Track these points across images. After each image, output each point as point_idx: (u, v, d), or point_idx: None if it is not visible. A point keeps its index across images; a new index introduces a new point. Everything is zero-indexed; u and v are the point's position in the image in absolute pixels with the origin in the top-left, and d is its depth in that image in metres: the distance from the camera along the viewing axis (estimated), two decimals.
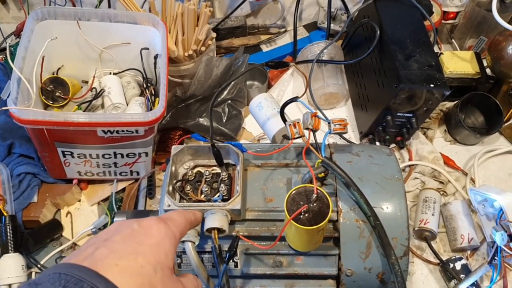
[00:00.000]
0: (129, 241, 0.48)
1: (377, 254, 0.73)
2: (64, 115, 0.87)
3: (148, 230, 0.50)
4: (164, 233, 0.51)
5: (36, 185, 1.05)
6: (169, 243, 0.51)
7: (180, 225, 0.56)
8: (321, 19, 1.40)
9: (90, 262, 0.44)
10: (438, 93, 1.01)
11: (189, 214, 0.61)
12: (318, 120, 0.76)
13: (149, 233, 0.50)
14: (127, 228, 0.50)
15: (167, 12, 1.18)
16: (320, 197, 0.66)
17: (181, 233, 0.56)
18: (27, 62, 0.95)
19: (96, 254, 0.45)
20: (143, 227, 0.50)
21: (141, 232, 0.50)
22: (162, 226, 0.52)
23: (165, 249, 0.50)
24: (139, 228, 0.50)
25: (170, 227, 0.53)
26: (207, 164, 0.80)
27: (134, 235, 0.49)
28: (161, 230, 0.51)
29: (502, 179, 1.15)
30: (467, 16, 1.33)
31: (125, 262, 0.45)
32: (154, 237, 0.50)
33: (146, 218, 0.53)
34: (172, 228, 0.53)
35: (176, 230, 0.54)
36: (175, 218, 0.57)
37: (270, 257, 0.76)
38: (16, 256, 0.94)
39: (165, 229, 0.52)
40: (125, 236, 0.48)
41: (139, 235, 0.49)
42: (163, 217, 0.55)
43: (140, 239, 0.48)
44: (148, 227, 0.51)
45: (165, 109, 0.92)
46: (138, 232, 0.49)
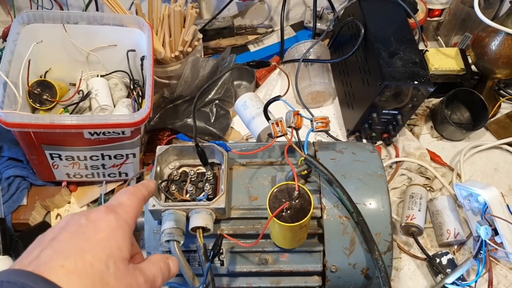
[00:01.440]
0: (76, 238, 0.45)
1: (361, 249, 0.74)
2: (50, 118, 0.88)
3: (96, 224, 0.47)
4: (114, 224, 0.48)
5: (25, 188, 1.05)
6: (122, 233, 0.48)
7: (132, 209, 0.52)
8: (308, 18, 1.41)
9: (35, 266, 0.41)
10: (422, 89, 1.02)
11: (139, 190, 0.56)
12: (301, 118, 0.76)
13: (98, 227, 0.47)
14: (74, 224, 0.47)
15: (154, 14, 1.19)
16: (302, 194, 0.67)
17: (134, 217, 0.52)
18: (14, 65, 0.95)
19: (41, 257, 0.42)
20: (91, 221, 0.47)
21: (88, 226, 0.46)
22: (112, 216, 0.48)
23: (117, 241, 0.47)
24: (86, 222, 0.47)
25: (120, 215, 0.49)
26: (192, 164, 0.81)
27: (82, 231, 0.46)
28: (110, 222, 0.48)
29: (488, 174, 1.16)
30: (452, 13, 1.34)
31: (71, 262, 0.42)
32: (103, 231, 0.46)
33: (94, 209, 0.49)
34: (123, 216, 0.50)
35: (128, 216, 0.50)
36: (125, 202, 0.52)
37: (255, 255, 0.77)
38: (6, 259, 0.94)
39: (115, 220, 0.48)
40: (72, 233, 0.45)
41: (87, 230, 0.46)
42: (112, 205, 0.51)
43: (88, 235, 0.45)
44: (96, 220, 0.47)
45: (150, 110, 0.92)
46: (85, 227, 0.46)
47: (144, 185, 0.58)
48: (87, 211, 0.49)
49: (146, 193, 0.57)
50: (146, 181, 0.60)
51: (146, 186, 0.58)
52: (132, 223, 0.51)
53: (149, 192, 0.58)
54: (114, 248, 0.46)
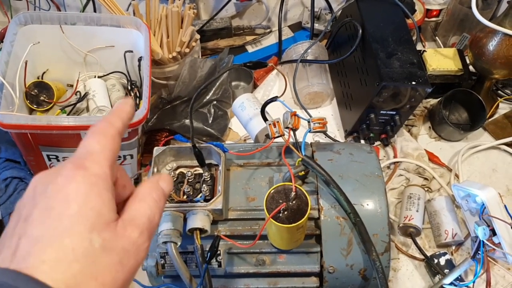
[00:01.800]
0: (47, 218, 0.38)
1: (358, 250, 0.74)
2: (47, 119, 0.88)
3: (65, 194, 0.39)
4: (85, 186, 0.40)
5: (22, 189, 1.05)
6: (97, 193, 0.40)
7: (105, 156, 0.42)
8: (306, 19, 1.41)
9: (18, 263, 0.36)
10: (420, 90, 1.02)
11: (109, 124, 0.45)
12: (298, 119, 0.76)
13: (67, 197, 0.39)
14: (41, 195, 0.40)
15: (151, 15, 1.19)
16: (299, 195, 0.67)
17: (110, 163, 0.42)
18: (10, 67, 0.95)
19: (20, 250, 0.37)
20: (58, 190, 0.39)
21: (57, 198, 0.39)
22: (80, 178, 0.40)
23: (94, 206, 0.39)
24: (53, 193, 0.39)
25: (90, 170, 0.41)
26: (189, 165, 0.81)
27: (51, 206, 0.39)
28: (79, 186, 0.40)
29: (486, 174, 1.16)
30: (450, 13, 1.34)
31: (50, 253, 0.37)
32: (74, 201, 0.39)
33: (61, 168, 0.41)
34: (94, 170, 0.41)
35: (101, 168, 0.41)
36: (94, 148, 0.43)
37: (253, 256, 0.77)
38: None
39: (84, 180, 0.40)
40: (43, 212, 0.39)
41: (56, 204, 0.39)
42: (79, 158, 0.42)
43: (59, 212, 0.38)
44: (63, 187, 0.39)
45: (147, 111, 0.92)
46: (54, 200, 0.39)
47: (116, 113, 0.46)
48: (55, 171, 0.41)
49: (121, 123, 0.46)
50: (119, 104, 0.48)
51: (119, 113, 0.47)
52: (108, 172, 0.42)
53: (124, 120, 0.46)
54: (92, 218, 0.39)
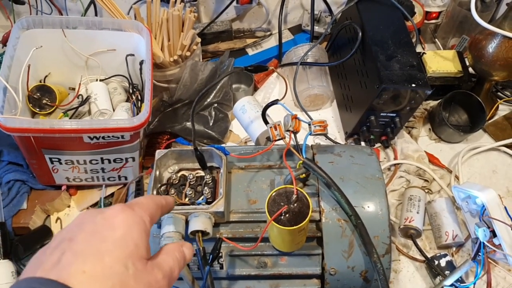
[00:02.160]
0: (93, 239, 0.44)
1: (360, 252, 0.74)
2: (49, 122, 0.88)
3: (111, 222, 0.46)
4: (130, 220, 0.47)
5: (25, 192, 1.05)
6: (138, 230, 0.47)
7: (149, 208, 0.52)
8: (306, 21, 1.42)
9: (57, 273, 0.41)
10: (420, 92, 1.02)
11: (159, 198, 0.57)
12: (299, 122, 0.77)
13: (113, 225, 0.46)
14: (89, 222, 0.46)
15: (152, 18, 1.19)
16: (300, 198, 0.68)
17: (151, 216, 0.51)
18: (13, 70, 0.96)
19: (62, 262, 0.42)
20: (106, 218, 0.46)
21: (104, 225, 0.46)
22: (128, 213, 0.48)
23: (134, 238, 0.46)
24: (102, 221, 0.46)
25: (136, 212, 0.49)
26: (191, 168, 0.81)
27: (98, 230, 0.45)
28: (127, 219, 0.47)
29: (486, 175, 1.17)
30: (449, 15, 1.35)
31: (91, 266, 0.42)
32: (119, 229, 0.46)
33: (111, 207, 0.48)
34: (139, 213, 0.49)
35: (144, 214, 0.49)
36: (143, 201, 0.52)
37: (254, 258, 0.77)
38: (6, 263, 0.94)
39: (131, 216, 0.47)
40: (89, 233, 0.45)
41: (103, 229, 0.45)
42: (129, 203, 0.50)
43: (104, 235, 0.45)
44: (111, 217, 0.47)
45: (149, 114, 0.93)
46: (101, 226, 0.46)
47: (164, 197, 0.59)
48: (103, 208, 0.49)
49: (164, 202, 0.57)
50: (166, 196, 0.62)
51: (165, 197, 0.59)
52: (149, 220, 0.50)
53: (167, 203, 0.58)
54: (131, 247, 0.45)
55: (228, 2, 1.35)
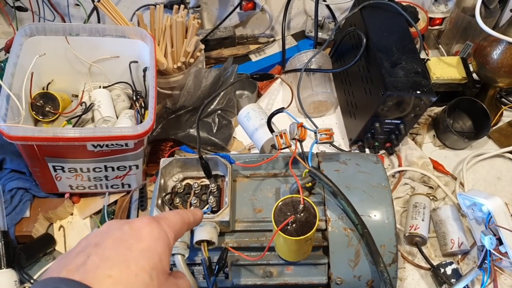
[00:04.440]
0: (120, 246, 0.45)
1: (366, 262, 0.74)
2: (53, 131, 0.88)
3: (138, 232, 0.47)
4: (156, 234, 0.48)
5: (28, 200, 1.05)
6: (162, 245, 0.48)
7: (175, 225, 0.52)
8: (309, 28, 1.42)
9: (82, 274, 0.41)
10: (425, 99, 1.02)
11: (186, 214, 0.57)
12: (305, 130, 0.77)
13: (140, 236, 0.47)
14: (117, 230, 0.47)
15: (156, 25, 1.19)
16: (307, 207, 0.67)
17: (176, 233, 0.52)
18: (16, 78, 0.95)
19: (88, 264, 0.42)
20: (134, 229, 0.47)
21: (131, 234, 0.46)
22: (155, 226, 0.48)
23: (158, 252, 0.47)
24: (129, 230, 0.47)
25: (163, 227, 0.49)
26: (196, 176, 0.81)
27: (125, 239, 0.46)
28: (153, 231, 0.48)
29: (491, 182, 1.16)
30: (453, 22, 1.35)
31: (117, 272, 0.42)
32: (145, 240, 0.47)
33: (138, 218, 0.50)
34: (165, 228, 0.50)
35: (169, 230, 0.50)
36: (170, 217, 0.53)
37: (260, 268, 0.77)
38: (9, 272, 0.94)
39: (157, 230, 0.48)
40: (115, 241, 0.45)
41: (129, 238, 0.46)
42: (156, 217, 0.51)
43: (131, 243, 0.45)
44: (139, 228, 0.47)
45: (154, 122, 0.92)
46: (128, 235, 0.46)
47: (192, 211, 0.59)
48: (130, 219, 0.49)
49: (192, 219, 0.58)
50: (195, 209, 0.62)
51: (194, 213, 0.59)
52: (173, 237, 0.51)
53: (195, 219, 0.59)
54: (156, 259, 0.46)
55: (232, 8, 1.34)
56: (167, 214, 0.53)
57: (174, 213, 0.55)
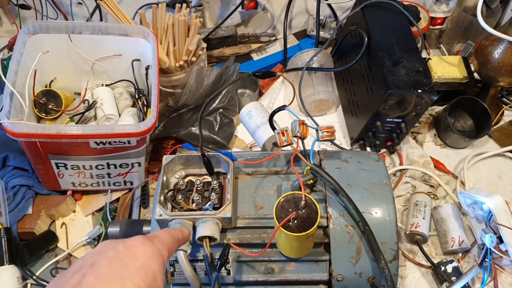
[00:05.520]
0: (115, 264, 0.46)
1: (367, 258, 0.74)
2: (56, 128, 0.88)
3: (133, 251, 0.48)
4: (150, 252, 0.49)
5: (30, 197, 1.05)
6: (157, 262, 0.49)
7: (167, 243, 0.54)
8: (311, 27, 1.42)
9: None
10: (426, 98, 1.02)
11: (175, 232, 0.59)
12: (306, 128, 0.77)
13: (135, 254, 0.48)
14: (111, 249, 0.48)
15: (158, 24, 1.19)
16: (308, 204, 0.67)
17: (168, 251, 0.54)
18: (20, 75, 0.96)
19: (84, 283, 0.43)
20: (128, 247, 0.48)
21: (126, 253, 0.48)
22: (148, 245, 0.50)
23: (153, 269, 0.48)
24: (124, 249, 0.48)
25: (156, 245, 0.51)
26: (198, 173, 0.81)
27: (120, 257, 0.47)
28: (147, 250, 0.49)
29: (491, 181, 1.17)
30: (454, 21, 1.35)
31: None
32: (140, 258, 0.48)
33: (131, 238, 0.51)
34: (158, 246, 0.51)
35: (162, 248, 0.52)
36: (161, 235, 0.55)
37: (261, 264, 0.77)
38: (12, 268, 0.94)
39: (151, 248, 0.50)
40: (111, 259, 0.46)
41: (124, 256, 0.47)
42: (149, 236, 0.53)
43: (126, 262, 0.47)
44: (133, 247, 0.49)
45: (156, 120, 0.93)
46: (123, 254, 0.47)
47: (180, 229, 0.61)
48: (124, 239, 0.50)
49: (181, 237, 0.60)
50: (182, 227, 0.63)
51: (182, 230, 0.61)
52: (166, 255, 0.52)
53: (183, 236, 0.61)
54: (150, 277, 0.47)
55: (233, 7, 1.35)
56: (158, 233, 0.56)
57: (165, 231, 0.57)
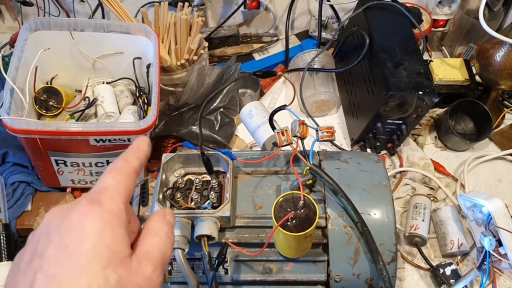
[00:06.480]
0: (63, 255, 0.39)
1: (365, 260, 0.74)
2: (56, 124, 0.88)
3: (79, 229, 0.40)
4: (99, 223, 0.40)
5: (30, 194, 1.05)
6: (111, 230, 0.41)
7: (120, 192, 0.43)
8: (313, 27, 1.42)
9: None
10: (427, 100, 1.02)
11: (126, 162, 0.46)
12: (306, 128, 0.77)
13: (81, 234, 0.40)
14: (56, 231, 0.40)
15: (160, 22, 1.19)
16: (307, 204, 0.67)
17: (125, 200, 0.44)
18: (20, 72, 0.96)
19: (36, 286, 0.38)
20: (73, 226, 0.40)
21: (71, 235, 0.40)
22: (95, 213, 0.41)
23: (108, 243, 0.40)
24: (68, 230, 0.40)
25: (105, 205, 0.41)
26: (197, 172, 0.81)
27: (66, 243, 0.39)
28: (94, 222, 0.40)
29: (491, 184, 1.16)
30: (457, 24, 1.35)
31: None
32: (88, 237, 0.39)
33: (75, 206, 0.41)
34: (108, 206, 0.42)
35: (115, 204, 0.42)
36: (109, 184, 0.44)
37: (259, 264, 0.77)
38: (10, 265, 0.94)
39: (99, 216, 0.41)
40: (57, 247, 0.39)
41: (70, 241, 0.39)
42: (95, 195, 0.42)
43: (74, 249, 0.39)
44: (77, 224, 0.40)
45: (156, 118, 0.93)
46: (68, 237, 0.40)
47: (133, 151, 0.48)
48: (69, 208, 0.42)
49: (137, 162, 0.47)
50: (136, 143, 0.49)
51: (136, 151, 0.48)
52: (123, 208, 0.43)
53: (140, 159, 0.48)
54: (107, 254, 0.40)
55: (236, 7, 1.35)
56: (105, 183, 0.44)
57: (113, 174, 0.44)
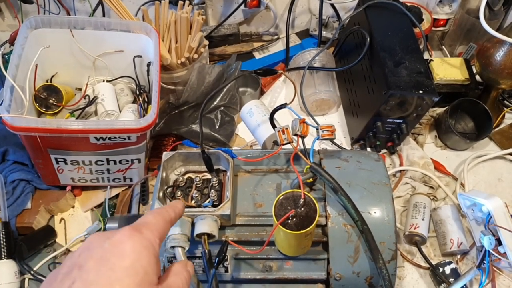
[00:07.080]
0: (102, 267, 0.44)
1: (365, 258, 0.74)
2: (56, 122, 0.88)
3: (120, 248, 0.46)
4: (139, 246, 0.47)
5: (29, 192, 1.05)
6: (147, 255, 0.47)
7: (158, 229, 0.51)
8: (313, 26, 1.42)
9: None
10: (427, 99, 1.02)
11: (166, 211, 0.55)
12: (307, 126, 0.77)
13: (122, 252, 0.45)
14: (98, 248, 0.46)
15: (161, 20, 1.19)
16: (307, 202, 0.67)
17: (160, 237, 0.51)
18: (21, 70, 0.96)
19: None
20: (115, 245, 0.46)
21: (113, 252, 0.45)
22: (136, 238, 0.47)
23: (144, 265, 0.46)
24: (110, 247, 0.46)
25: (145, 235, 0.48)
26: (198, 170, 0.81)
27: (107, 258, 0.45)
28: (135, 244, 0.46)
29: (491, 183, 1.16)
30: (457, 23, 1.35)
31: None
32: (128, 257, 0.45)
33: (118, 231, 0.48)
34: (147, 236, 0.48)
35: (153, 236, 0.49)
36: (150, 221, 0.51)
37: (259, 262, 0.77)
38: (9, 263, 0.94)
39: (139, 241, 0.47)
40: (98, 261, 0.45)
41: (111, 256, 0.45)
42: (136, 226, 0.50)
43: (113, 263, 0.44)
44: (120, 243, 0.46)
45: (157, 116, 0.93)
46: (110, 253, 0.45)
47: (172, 206, 0.58)
48: (111, 232, 0.48)
49: (173, 215, 0.56)
50: (174, 202, 0.60)
51: (174, 207, 0.58)
52: (158, 242, 0.49)
53: (176, 213, 0.57)
54: (141, 275, 0.45)
55: (236, 5, 1.35)
56: (147, 219, 0.52)
57: (154, 215, 0.53)
